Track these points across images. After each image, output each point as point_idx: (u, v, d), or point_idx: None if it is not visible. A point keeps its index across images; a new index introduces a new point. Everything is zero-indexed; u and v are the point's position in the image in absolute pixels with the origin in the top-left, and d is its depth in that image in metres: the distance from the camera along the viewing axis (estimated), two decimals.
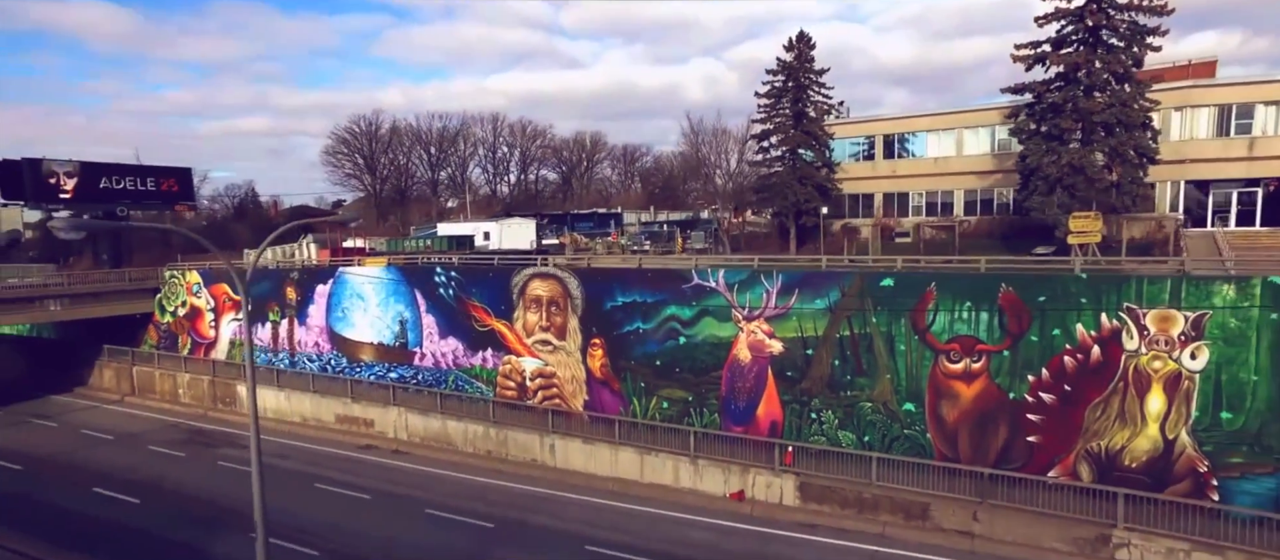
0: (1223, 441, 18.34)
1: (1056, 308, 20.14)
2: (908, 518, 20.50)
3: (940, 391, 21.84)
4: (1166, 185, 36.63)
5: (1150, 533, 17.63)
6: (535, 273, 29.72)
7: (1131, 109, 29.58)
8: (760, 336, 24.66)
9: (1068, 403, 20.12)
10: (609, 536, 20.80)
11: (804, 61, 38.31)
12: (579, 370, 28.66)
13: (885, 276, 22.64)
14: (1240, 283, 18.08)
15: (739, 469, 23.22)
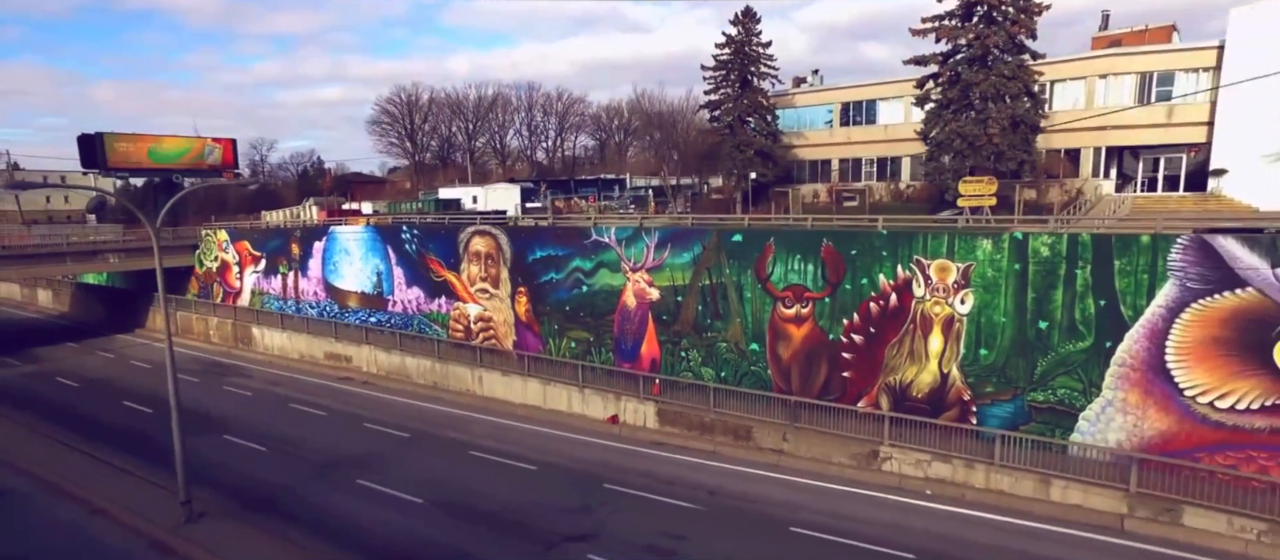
0: (980, 374, 20.83)
1: (865, 260, 22.78)
2: (736, 439, 23.84)
3: (778, 333, 24.86)
4: (1090, 151, 37.37)
5: (904, 447, 20.50)
6: (475, 230, 33.90)
7: (1010, 81, 30.91)
8: (642, 285, 28.10)
9: (872, 342, 22.84)
10: (493, 445, 24.97)
11: (750, 36, 40.49)
12: (509, 314, 32.82)
13: (736, 233, 25.65)
14: (995, 238, 20.34)
15: (615, 397, 26.98)
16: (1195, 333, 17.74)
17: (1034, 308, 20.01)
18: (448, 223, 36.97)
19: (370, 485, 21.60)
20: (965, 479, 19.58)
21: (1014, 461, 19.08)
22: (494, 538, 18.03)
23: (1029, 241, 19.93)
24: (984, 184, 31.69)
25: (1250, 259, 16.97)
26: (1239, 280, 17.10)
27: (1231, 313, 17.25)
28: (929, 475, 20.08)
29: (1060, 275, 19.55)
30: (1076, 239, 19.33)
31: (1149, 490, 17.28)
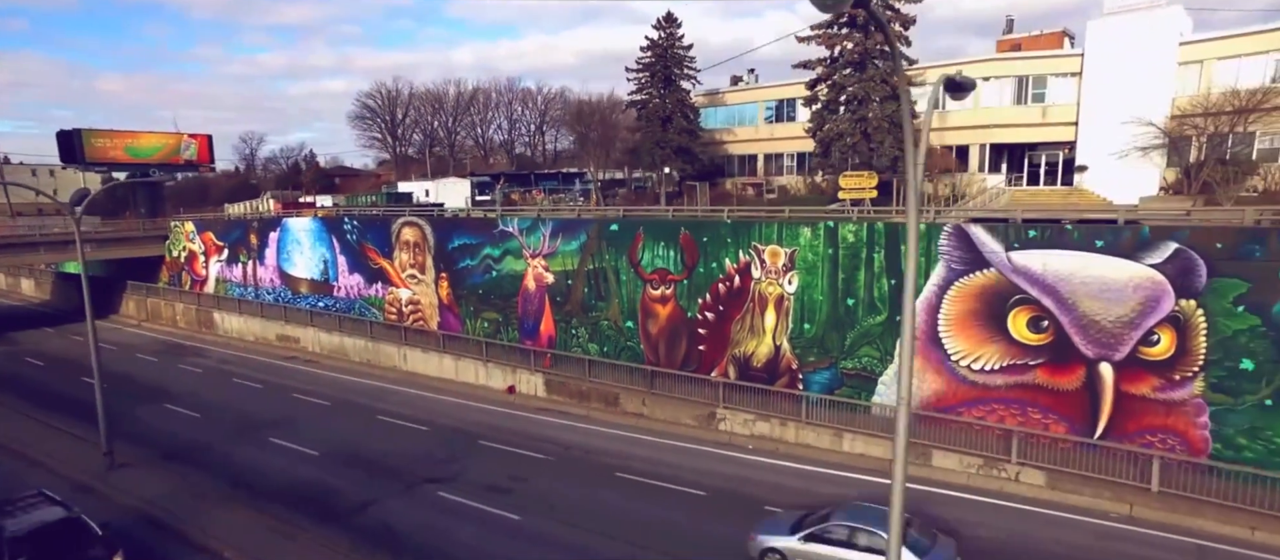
0: (805, 346, 23.73)
1: (715, 246, 25.65)
2: (607, 404, 26.79)
3: (647, 312, 27.77)
4: (976, 147, 40.10)
5: (736, 409, 23.44)
6: (404, 221, 36.82)
7: (880, 85, 33.70)
8: (540, 270, 31.02)
9: (722, 319, 25.75)
10: (399, 411, 27.94)
11: (672, 40, 43.20)
12: (434, 298, 35.76)
13: (613, 223, 28.53)
14: (813, 226, 23.20)
15: (513, 370, 29.95)
16: (958, 307, 20.62)
17: (844, 287, 22.88)
18: (382, 214, 39.95)
19: (279, 442, 24.61)
20: (780, 435, 22.53)
21: (816, 419, 22.03)
22: (366, 479, 21.01)
23: (839, 229, 22.81)
24: (864, 178, 34.39)
25: (993, 244, 19.83)
26: (985, 262, 19.98)
27: (980, 289, 20.14)
28: (753, 432, 23.03)
29: (862, 259, 22.42)
30: (873, 227, 22.20)
31: (911, 439, 20.21)
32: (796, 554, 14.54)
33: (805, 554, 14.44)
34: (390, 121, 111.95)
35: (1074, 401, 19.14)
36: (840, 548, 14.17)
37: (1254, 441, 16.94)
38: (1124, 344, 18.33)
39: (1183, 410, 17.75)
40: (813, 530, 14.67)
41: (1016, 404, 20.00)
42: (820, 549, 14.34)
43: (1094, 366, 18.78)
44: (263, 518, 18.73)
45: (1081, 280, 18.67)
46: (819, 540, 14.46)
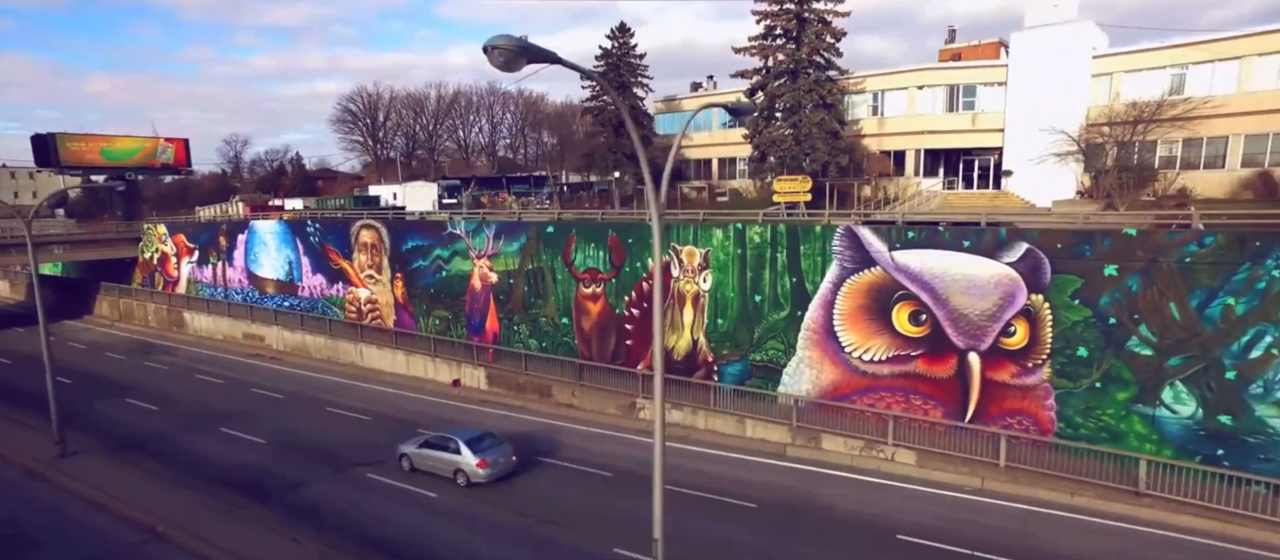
0: (718, 340, 25.44)
1: (639, 246, 27.32)
2: (541, 396, 28.41)
3: (581, 309, 29.41)
4: (912, 152, 41.98)
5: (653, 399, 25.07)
6: (362, 223, 38.32)
7: (807, 94, 35.52)
8: (485, 270, 32.61)
9: (646, 316, 27.44)
10: (349, 403, 29.45)
11: (625, 50, 44.89)
12: (390, 297, 37.27)
13: (549, 225, 30.18)
14: (724, 228, 24.92)
15: (458, 365, 31.54)
16: (850, 302, 22.36)
17: (752, 285, 24.60)
18: (342, 216, 41.44)
19: (230, 432, 26.10)
20: (692, 422, 24.21)
21: (723, 408, 23.73)
22: (304, 464, 22.56)
23: (747, 230, 24.52)
24: (798, 182, 36.18)
25: (878, 245, 21.58)
26: (872, 261, 21.72)
27: (869, 285, 21.88)
28: (681, 424, 24.65)
29: (767, 259, 24.14)
30: (776, 228, 23.92)
31: (803, 424, 21.95)
32: (415, 455, 21.67)
33: (418, 454, 21.56)
34: (371, 125, 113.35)
35: (949, 388, 20.90)
36: (436, 450, 21.18)
37: (1088, 420, 18.74)
38: (988, 335, 20.11)
39: (1034, 394, 19.55)
40: (427, 439, 21.74)
41: (901, 392, 21.74)
42: (426, 451, 21.41)
43: (964, 356, 20.56)
44: (201, 498, 20.26)
45: (952, 277, 20.44)
46: (428, 446, 21.44)
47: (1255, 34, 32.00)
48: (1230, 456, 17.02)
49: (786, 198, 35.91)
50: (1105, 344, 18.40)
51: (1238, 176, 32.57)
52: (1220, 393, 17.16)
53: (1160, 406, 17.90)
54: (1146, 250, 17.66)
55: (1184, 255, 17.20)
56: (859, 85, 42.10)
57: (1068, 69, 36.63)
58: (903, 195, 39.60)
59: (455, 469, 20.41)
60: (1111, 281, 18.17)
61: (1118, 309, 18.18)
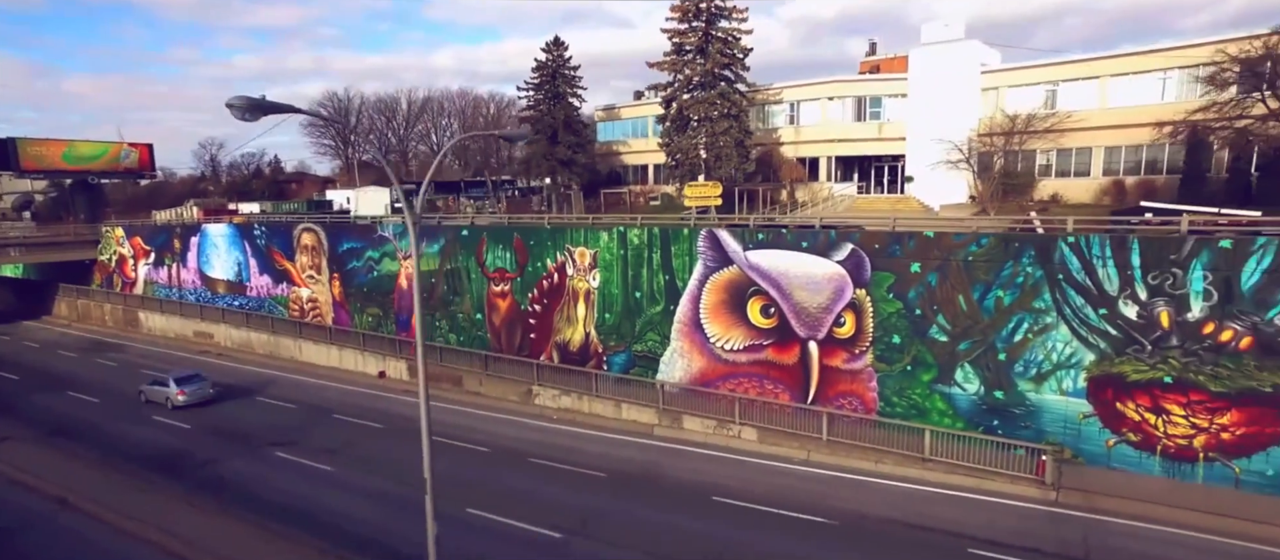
0: (607, 332, 27.84)
1: (539, 248, 29.68)
2: (454, 384, 30.69)
3: (492, 305, 31.73)
4: (825, 160, 44.63)
5: (546, 387, 27.47)
6: (304, 227, 40.41)
7: (711, 106, 38.09)
8: (410, 270, 34.83)
9: (546, 311, 29.78)
10: (278, 393, 31.54)
11: (560, 63, 47.23)
12: (329, 296, 39.39)
13: (464, 229, 32.47)
14: (609, 230, 27.33)
15: (384, 358, 33.76)
16: (713, 297, 24.82)
17: (633, 281, 27.01)
18: (285, 220, 43.48)
19: (160, 419, 28.15)
20: (577, 406, 26.56)
21: (603, 393, 26.11)
22: (221, 446, 24.68)
23: (627, 232, 26.93)
24: (708, 188, 38.73)
25: (734, 245, 24.06)
26: (730, 260, 24.20)
27: (727, 282, 24.36)
28: (558, 405, 27.04)
29: (645, 258, 26.56)
30: (651, 231, 26.34)
31: (668, 407, 24.39)
32: (145, 389, 30.26)
33: (147, 389, 30.23)
34: (342, 129, 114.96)
35: (794, 373, 23.39)
36: (157, 385, 29.93)
37: (901, 399, 21.28)
38: (823, 326, 22.62)
39: (860, 377, 22.07)
40: (154, 378, 30.39)
41: (756, 377, 24.21)
42: (151, 387, 30.09)
43: (805, 345, 23.05)
44: (119, 475, 22.36)
45: (794, 274, 22.93)
46: (153, 383, 30.11)
47: (1110, 57, 34.92)
48: (1003, 426, 19.62)
49: (697, 202, 38.43)
50: (913, 332, 20.96)
51: (1100, 183, 35.43)
52: (995, 372, 19.75)
53: (954, 385, 20.47)
54: (940, 250, 20.23)
55: (967, 255, 19.79)
56: (777, 96, 44.72)
57: (960, 83, 39.40)
58: (815, 199, 42.26)
59: (165, 397, 29.45)
60: (916, 277, 20.73)
61: (922, 301, 20.74)
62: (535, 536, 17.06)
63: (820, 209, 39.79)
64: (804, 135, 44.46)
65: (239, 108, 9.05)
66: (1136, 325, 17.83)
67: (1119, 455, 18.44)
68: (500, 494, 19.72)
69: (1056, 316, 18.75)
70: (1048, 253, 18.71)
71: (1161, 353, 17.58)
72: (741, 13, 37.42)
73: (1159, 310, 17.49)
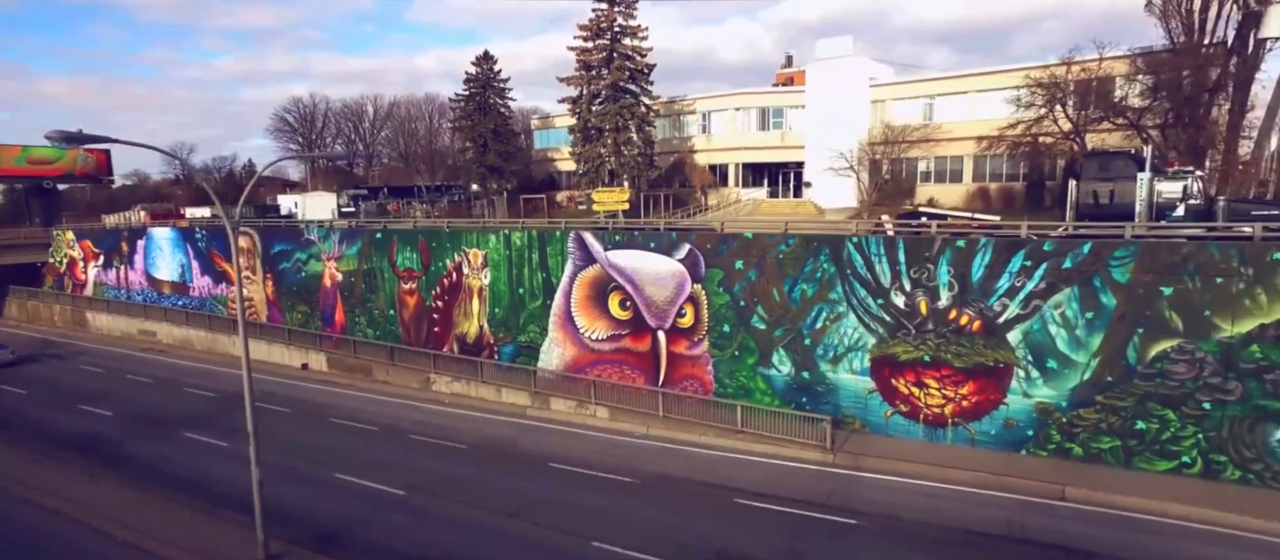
0: (496, 325, 30.64)
1: (441, 249, 32.40)
2: (366, 375, 33.32)
3: (402, 302, 34.42)
4: (733, 166, 47.74)
5: (440, 374, 30.21)
6: (239, 231, 42.79)
7: (614, 118, 41.08)
8: (333, 270, 37.44)
9: (447, 307, 32.52)
10: (206, 385, 34.00)
11: (490, 75, 49.99)
12: (263, 295, 41.83)
13: (377, 232, 35.14)
14: (497, 233, 30.13)
15: (306, 351, 36.32)
16: (582, 292, 27.68)
17: (516, 279, 29.82)
18: (223, 224, 45.83)
19: (88, 409, 30.53)
20: (466, 391, 29.32)
21: (487, 379, 28.89)
22: (137, 429, 27.17)
23: (511, 235, 29.72)
24: (615, 193, 41.63)
25: (597, 246, 26.94)
26: (594, 259, 27.07)
27: (592, 279, 27.22)
28: (451, 391, 29.78)
29: (526, 258, 29.37)
30: (530, 234, 29.15)
31: (540, 391, 27.22)
32: None
33: None
34: (307, 135, 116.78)
35: (647, 360, 26.28)
36: None
37: (731, 380, 24.25)
38: (669, 317, 25.52)
39: (699, 362, 25.01)
40: None
41: (617, 364, 27.07)
42: None
43: (655, 334, 25.95)
44: (33, 454, 24.79)
45: (645, 272, 25.82)
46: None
47: (976, 74, 38.27)
48: (810, 402, 22.61)
49: (605, 207, 41.32)
50: (739, 321, 23.92)
51: (970, 189, 38.75)
52: (802, 355, 22.74)
53: (772, 367, 23.44)
54: (758, 250, 23.21)
55: (778, 253, 22.78)
56: (690, 107, 47.73)
57: (851, 96, 42.59)
58: (724, 203, 45.33)
59: None
60: (740, 273, 23.69)
61: (745, 294, 23.70)
62: (382, 493, 19.84)
63: (725, 212, 42.85)
64: (714, 143, 47.51)
65: (55, 139, 11.72)
66: (904, 312, 20.86)
67: (894, 424, 21.48)
68: (370, 463, 22.44)
69: (846, 306, 21.77)
70: (839, 251, 21.72)
71: (922, 335, 20.62)
72: (642, 31, 40.43)
73: (919, 299, 20.54)
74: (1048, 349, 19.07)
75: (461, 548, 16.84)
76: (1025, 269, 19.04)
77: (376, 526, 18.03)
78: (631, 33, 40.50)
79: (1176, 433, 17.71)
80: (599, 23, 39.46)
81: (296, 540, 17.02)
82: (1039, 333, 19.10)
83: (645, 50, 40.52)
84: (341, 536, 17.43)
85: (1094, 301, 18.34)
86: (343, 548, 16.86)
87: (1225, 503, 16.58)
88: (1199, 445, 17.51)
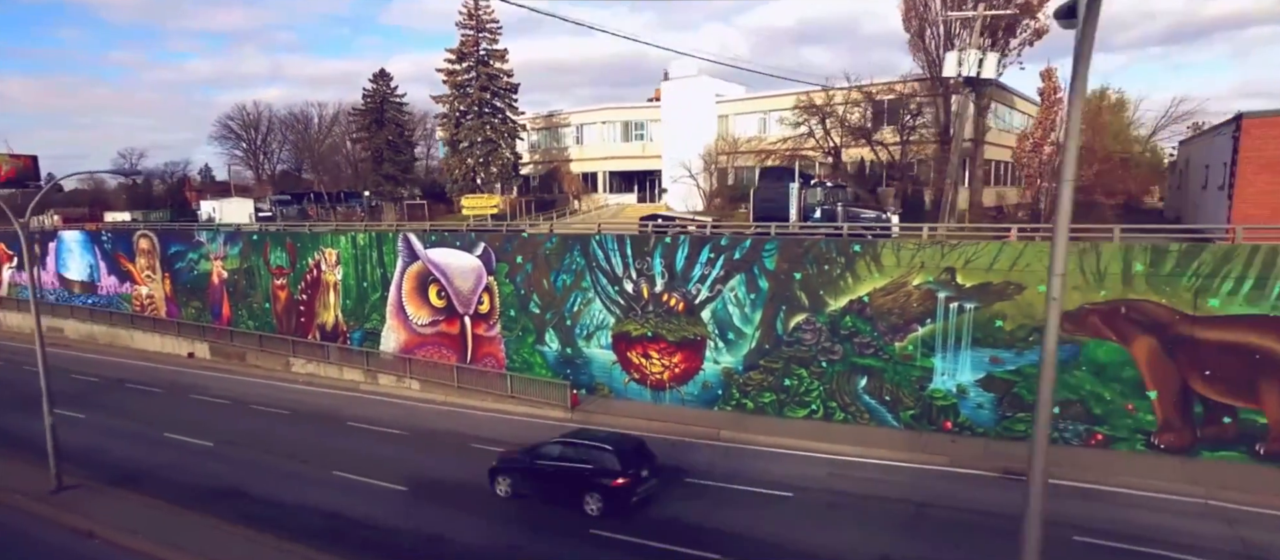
0: (349, 315, 35.20)
1: (304, 249, 36.81)
2: (241, 361, 37.62)
3: (275, 296, 38.77)
4: (602, 174, 52.75)
5: (296, 357, 34.70)
6: (140, 233, 46.75)
7: (474, 131, 45.91)
8: (220, 269, 41.61)
9: (311, 299, 36.97)
10: (95, 372, 37.90)
11: (387, 92, 54.42)
12: (162, 292, 45.80)
13: (254, 234, 39.45)
14: (346, 235, 34.66)
15: (192, 341, 40.46)
16: (409, 285, 32.35)
17: (362, 275, 34.39)
18: (128, 227, 49.67)
19: None
20: (315, 371, 33.85)
21: (332, 360, 33.43)
22: (16, 410, 31.23)
23: (356, 237, 34.28)
24: (484, 199, 46.37)
25: (419, 245, 31.64)
26: (417, 256, 31.77)
27: (417, 273, 31.92)
28: (305, 371, 34.27)
29: (369, 257, 33.96)
30: (371, 235, 33.75)
31: (371, 369, 31.85)
32: None
33: None
34: (251, 143, 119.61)
35: (458, 341, 31.05)
36: None
37: (518, 356, 29.14)
38: (473, 305, 30.31)
39: (495, 342, 29.84)
40: None
41: (437, 345, 31.79)
42: None
43: (464, 319, 30.73)
44: None
45: (454, 266, 30.58)
46: None
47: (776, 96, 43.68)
48: (573, 373, 27.55)
49: (475, 212, 46.03)
50: (521, 307, 28.79)
51: None
52: (566, 334, 27.68)
53: (546, 345, 28.35)
54: (531, 247, 28.10)
55: (546, 250, 27.68)
56: (565, 120, 52.62)
57: (700, 110, 47.81)
58: (592, 207, 50.27)
59: None
60: (520, 267, 28.56)
61: (525, 284, 28.57)
62: (196, 446, 24.39)
63: (591, 215, 47.75)
64: (586, 153, 52.47)
65: None
66: (634, 297, 25.86)
67: (631, 389, 26.49)
68: (201, 425, 26.89)
69: (594, 293, 26.72)
70: (587, 247, 26.67)
71: (646, 315, 25.63)
72: (505, 55, 45.28)
73: (642, 286, 25.55)
74: (728, 324, 24.17)
75: (236, 479, 21.39)
76: (711, 260, 24.13)
77: (174, 469, 22.51)
78: (497, 56, 45.28)
79: (808, 387, 22.89)
80: (464, 47, 44.15)
81: (95, 478, 21.45)
82: (722, 311, 24.19)
83: (509, 72, 45.35)
84: (140, 477, 21.92)
85: (755, 285, 23.46)
86: (135, 483, 21.35)
87: (831, 436, 21.77)
88: (821, 395, 22.70)
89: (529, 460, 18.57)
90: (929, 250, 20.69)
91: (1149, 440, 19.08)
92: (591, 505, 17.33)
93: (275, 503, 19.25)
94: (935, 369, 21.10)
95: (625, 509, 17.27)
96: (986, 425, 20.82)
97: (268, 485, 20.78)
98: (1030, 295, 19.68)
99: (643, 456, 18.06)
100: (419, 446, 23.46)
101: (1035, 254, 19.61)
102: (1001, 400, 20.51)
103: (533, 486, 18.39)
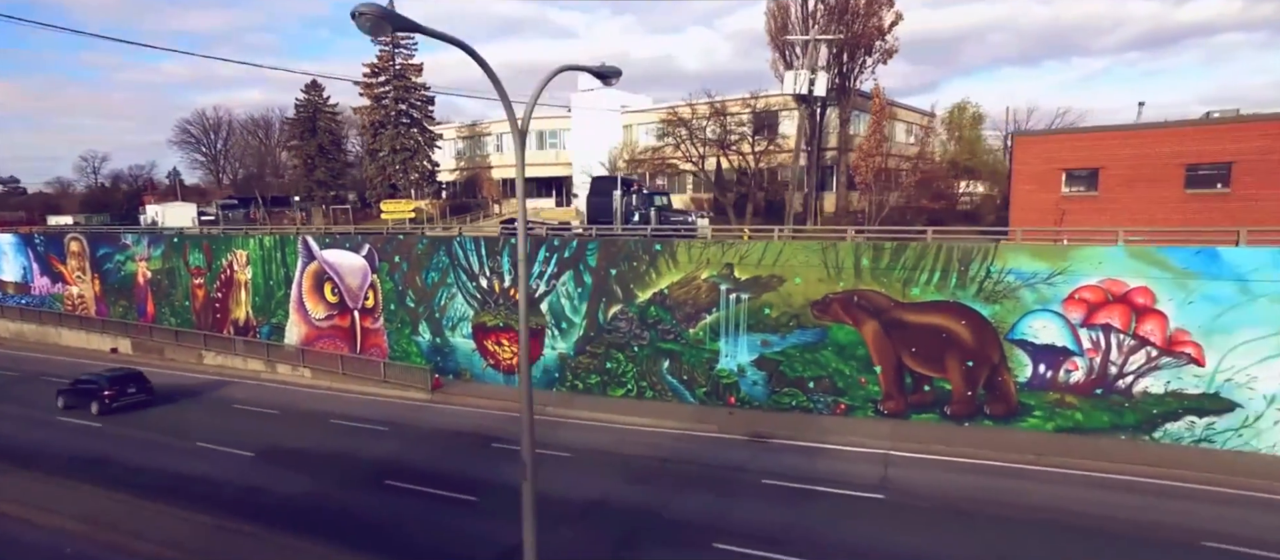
0: (258, 310, 38.58)
1: (220, 249, 40.09)
2: (159, 355, 40.81)
3: (194, 294, 42.01)
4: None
5: (207, 350, 37.99)
6: (71, 236, 49.69)
7: (390, 141, 49.49)
8: (145, 269, 44.73)
9: (225, 297, 40.30)
10: (13, 367, 40.97)
11: (319, 103, 57.74)
12: (92, 292, 48.75)
13: (175, 237, 42.69)
14: (254, 237, 38.04)
15: (116, 337, 43.53)
16: (308, 283, 35.84)
17: (269, 274, 37.77)
18: (60, 230, 52.57)
19: None
20: (222, 362, 37.25)
21: (239, 352, 36.79)
22: None
23: (263, 239, 37.67)
24: (401, 204, 49.80)
25: (316, 247, 35.11)
26: (314, 257, 35.24)
27: (314, 272, 35.43)
28: (215, 363, 37.59)
29: (274, 257, 37.35)
30: (276, 237, 37.14)
31: (272, 359, 35.27)
32: None
33: None
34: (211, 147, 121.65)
35: (350, 333, 34.59)
36: None
37: (398, 346, 32.78)
38: (360, 300, 33.86)
39: (379, 333, 33.42)
40: None
41: (332, 337, 35.30)
42: None
43: (353, 314, 34.26)
44: None
45: (344, 265, 34.13)
46: None
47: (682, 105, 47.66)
48: (443, 360, 31.24)
49: (393, 216, 49.46)
50: (399, 301, 32.40)
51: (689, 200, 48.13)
52: (435, 326, 31.36)
53: (420, 335, 31.98)
54: (407, 247, 31.71)
55: (418, 249, 31.30)
56: (487, 129, 56.22)
57: (607, 121, 51.62)
58: (508, 212, 53.83)
59: None
60: (397, 265, 32.18)
61: (402, 280, 32.19)
62: (85, 427, 27.74)
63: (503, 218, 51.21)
64: (506, 160, 56.09)
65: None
66: (488, 292, 29.59)
67: (489, 374, 30.23)
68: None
69: (457, 288, 30.41)
70: (450, 248, 30.35)
71: (498, 308, 29.36)
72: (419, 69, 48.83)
73: (494, 281, 29.28)
74: (562, 314, 27.97)
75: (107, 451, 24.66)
76: (546, 258, 27.91)
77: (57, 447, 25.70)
78: (412, 70, 48.82)
79: (624, 368, 26.75)
80: (381, 62, 47.68)
81: None
82: (556, 303, 27.99)
83: (424, 86, 48.97)
84: (18, 453, 25.01)
85: (581, 280, 27.28)
86: (12, 459, 24.49)
87: (639, 411, 25.67)
88: (634, 376, 26.56)
89: (73, 384, 30.22)
90: (713, 248, 24.60)
91: (877, 407, 23.09)
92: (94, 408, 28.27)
93: (135, 468, 22.68)
94: (721, 351, 25.00)
95: (108, 411, 28.14)
96: (760, 399, 24.76)
97: (134, 455, 24.13)
98: (789, 287, 23.65)
99: (130, 381, 29.89)
100: (282, 423, 27.02)
101: (793, 251, 23.58)
102: (771, 377, 24.43)
103: (72, 399, 29.77)
